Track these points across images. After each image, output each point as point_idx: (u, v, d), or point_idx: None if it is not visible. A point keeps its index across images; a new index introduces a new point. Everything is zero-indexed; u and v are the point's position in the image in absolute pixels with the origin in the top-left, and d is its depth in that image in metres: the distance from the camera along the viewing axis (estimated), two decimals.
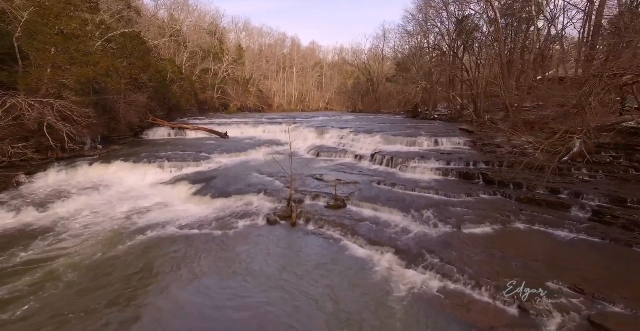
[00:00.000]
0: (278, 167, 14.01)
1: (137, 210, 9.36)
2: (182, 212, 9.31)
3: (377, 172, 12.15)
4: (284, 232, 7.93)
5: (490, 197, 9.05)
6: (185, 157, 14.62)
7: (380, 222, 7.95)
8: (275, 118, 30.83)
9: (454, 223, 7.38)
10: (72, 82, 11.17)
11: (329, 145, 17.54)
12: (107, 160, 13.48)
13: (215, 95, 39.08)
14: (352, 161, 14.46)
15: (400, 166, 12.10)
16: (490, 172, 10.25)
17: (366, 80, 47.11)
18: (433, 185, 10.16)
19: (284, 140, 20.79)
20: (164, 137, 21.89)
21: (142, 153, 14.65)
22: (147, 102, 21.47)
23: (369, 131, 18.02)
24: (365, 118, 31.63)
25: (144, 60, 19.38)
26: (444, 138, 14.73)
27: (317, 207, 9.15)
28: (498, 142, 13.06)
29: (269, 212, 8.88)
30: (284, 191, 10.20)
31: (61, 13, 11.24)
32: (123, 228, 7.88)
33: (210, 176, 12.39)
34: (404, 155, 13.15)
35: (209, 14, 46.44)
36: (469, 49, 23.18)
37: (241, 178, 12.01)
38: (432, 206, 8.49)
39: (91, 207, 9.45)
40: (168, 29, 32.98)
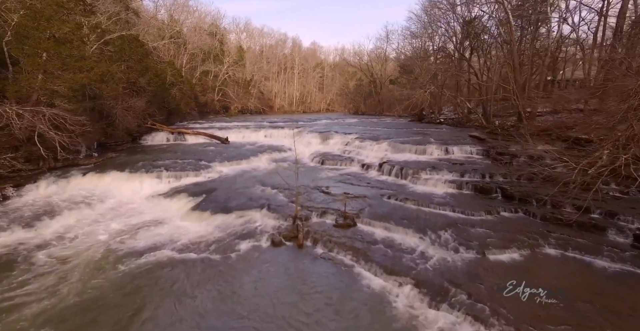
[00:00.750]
0: (281, 176, 13.37)
1: (131, 228, 8.71)
2: (179, 230, 8.66)
3: (386, 184, 11.49)
4: (291, 256, 7.27)
5: (512, 215, 8.37)
6: (184, 166, 13.98)
7: (394, 244, 7.29)
8: (277, 121, 30.20)
9: (477, 247, 6.72)
10: (64, 89, 10.55)
11: (334, 153, 16.89)
12: (102, 170, 12.86)
13: (216, 98, 38.48)
14: (359, 171, 13.80)
15: (411, 178, 11.44)
16: (509, 186, 9.58)
17: (369, 82, 46.45)
18: (448, 200, 9.49)
19: (287, 145, 20.17)
20: (163, 142, 21.28)
21: (139, 162, 14.02)
22: (145, 106, 20.88)
23: (375, 138, 17.36)
24: (368, 121, 30.97)
25: (142, 64, 18.77)
26: (455, 146, 14.06)
27: (325, 225, 8.49)
28: (514, 152, 12.38)
29: (274, 232, 8.23)
30: (289, 207, 9.55)
31: (53, 16, 10.62)
32: (114, 252, 7.22)
33: (210, 188, 11.75)
34: (414, 166, 12.49)
35: (209, 15, 45.89)
36: (476, 51, 22.49)
37: (243, 190, 11.36)
38: (450, 226, 7.83)
39: (82, 224, 8.81)
40: (168, 30, 32.40)
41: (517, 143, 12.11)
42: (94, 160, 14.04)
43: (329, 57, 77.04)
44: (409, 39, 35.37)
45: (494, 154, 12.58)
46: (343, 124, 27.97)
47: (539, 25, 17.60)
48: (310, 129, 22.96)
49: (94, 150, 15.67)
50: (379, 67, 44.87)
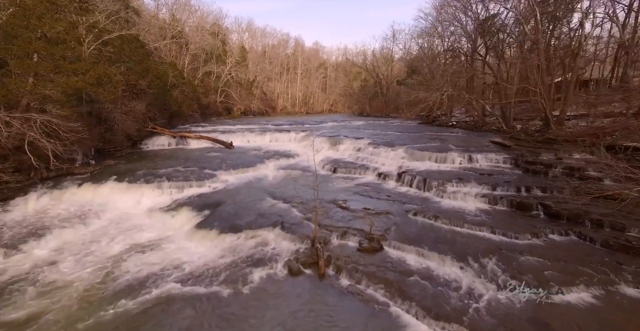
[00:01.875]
0: (292, 187, 12.40)
1: (129, 250, 7.74)
2: (183, 254, 7.69)
3: (409, 198, 10.49)
4: (311, 289, 6.28)
5: (564, 238, 7.36)
6: (187, 174, 13.02)
7: (433, 276, 6.29)
8: (282, 124, 29.26)
9: (534, 283, 5.70)
10: (57, 94, 9.60)
11: (345, 159, 15.89)
12: (99, 180, 11.91)
13: (218, 99, 37.54)
14: (375, 180, 12.80)
15: (436, 190, 10.43)
16: (552, 202, 8.55)
17: (374, 82, 45.42)
18: (483, 218, 8.48)
19: (295, 150, 19.22)
20: (165, 147, 20.34)
21: (139, 171, 13.07)
22: (146, 109, 19.95)
23: (390, 143, 16.36)
24: (376, 124, 29.97)
25: (143, 65, 17.83)
26: (478, 154, 13.03)
27: (348, 249, 7.50)
28: (546, 161, 11.35)
29: (290, 257, 7.24)
30: (305, 225, 8.57)
31: (45, 14, 9.67)
32: (107, 285, 6.25)
33: (215, 200, 10.78)
34: (437, 176, 11.48)
35: (211, 15, 45.00)
36: (492, 51, 21.38)
37: (252, 204, 10.38)
38: (494, 252, 6.82)
39: (73, 247, 7.85)
40: (170, 30, 31.48)
41: (549, 150, 11.05)
42: (91, 168, 13.08)
43: (332, 57, 76.15)
44: (418, 38, 34.31)
45: (524, 163, 11.55)
46: (351, 127, 26.98)
47: (563, 22, 16.52)
48: (318, 133, 22.00)
49: (91, 157, 14.73)
50: (385, 67, 43.82)
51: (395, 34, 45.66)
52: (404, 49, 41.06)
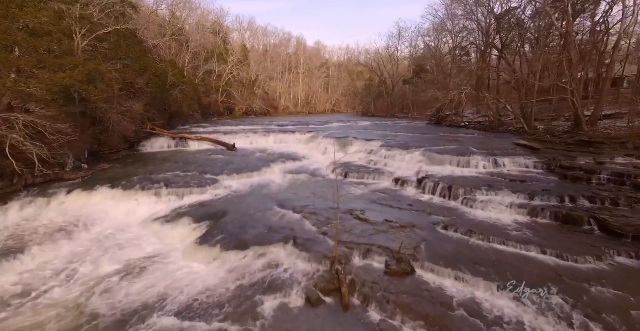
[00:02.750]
0: (302, 194, 11.33)
1: (118, 272, 6.69)
2: (181, 276, 6.64)
3: (433, 207, 9.42)
4: (335, 326, 5.21)
5: (637, 263, 6.21)
6: (187, 180, 11.98)
7: (482, 309, 5.22)
8: (286, 124, 28.23)
9: (620, 326, 4.61)
10: (41, 92, 8.55)
11: (357, 163, 14.83)
12: (91, 186, 10.87)
13: (219, 99, 36.51)
14: (391, 186, 11.73)
15: (464, 199, 9.35)
16: (608, 216, 7.42)
17: (379, 81, 44.31)
18: (526, 234, 7.40)
19: (300, 153, 18.17)
20: (164, 148, 19.31)
21: (135, 176, 12.04)
22: (144, 109, 18.92)
23: (404, 145, 15.28)
24: (383, 124, 28.92)
25: (140, 62, 16.79)
26: (504, 158, 11.94)
27: (373, 271, 6.44)
28: (585, 165, 10.24)
29: (307, 282, 6.17)
30: (321, 241, 7.51)
31: (27, 2, 8.62)
32: (88, 323, 5.18)
33: (218, 210, 9.74)
34: (461, 182, 10.40)
35: (212, 13, 44.02)
36: (508, 47, 20.22)
37: (258, 214, 9.32)
38: (552, 279, 5.73)
39: (54, 267, 6.79)
40: (169, 27, 30.47)
41: (585, 154, 9.96)
42: (82, 173, 12.03)
43: (333, 56, 75.12)
44: (427, 35, 33.20)
45: (558, 168, 10.45)
46: (358, 128, 25.95)
47: (587, 14, 15.39)
48: (324, 134, 20.92)
49: (84, 161, 13.68)
50: (390, 66, 42.72)
51: (400, 32, 44.46)
52: (410, 47, 39.91)
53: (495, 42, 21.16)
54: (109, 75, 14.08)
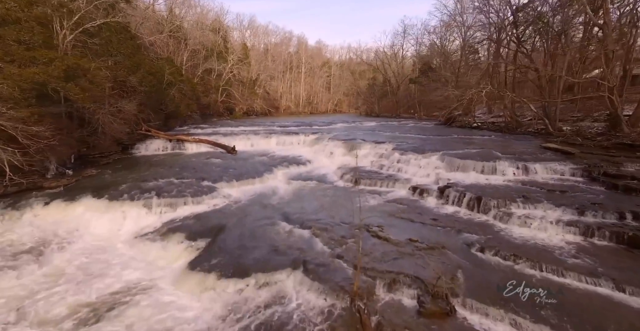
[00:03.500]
0: (308, 204, 10.14)
1: (92, 309, 5.49)
2: (170, 312, 5.45)
3: (462, 223, 8.19)
4: None
5: None
6: (182, 188, 10.79)
7: None
8: (288, 125, 27.04)
9: None
10: (8, 89, 7.37)
11: (368, 168, 13.61)
12: (73, 196, 9.69)
13: (219, 99, 35.33)
14: (409, 196, 10.51)
15: (498, 213, 8.11)
16: None
17: (384, 81, 43.04)
18: (588, 262, 6.12)
19: (305, 156, 16.97)
20: (159, 151, 18.14)
21: (125, 183, 10.86)
22: (138, 110, 17.76)
23: (418, 149, 14.04)
24: (390, 125, 27.72)
25: (133, 59, 15.60)
26: (535, 163, 10.67)
27: (404, 309, 5.23)
28: (637, 173, 8.98)
29: (323, 326, 4.96)
30: (336, 267, 6.31)
31: None
32: None
33: (215, 224, 8.56)
34: (490, 192, 9.17)
35: (212, 11, 42.88)
36: (525, 43, 18.92)
37: (261, 230, 8.13)
38: None
39: (11, 303, 5.59)
40: (167, 24, 29.30)
41: (631, 159, 8.74)
42: (65, 181, 10.83)
43: (335, 56, 73.96)
44: (434, 32, 31.89)
45: (603, 176, 9.19)
46: (364, 129, 24.74)
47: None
48: (330, 136, 19.72)
49: (70, 166, 12.50)
50: (395, 64, 41.46)
51: (406, 29, 43.15)
52: (416, 44, 38.62)
53: (511, 37, 19.81)
54: (98, 72, 12.91)
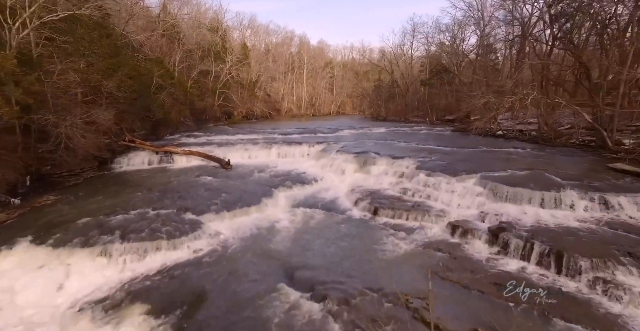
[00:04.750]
0: (318, 250, 7.69)
1: None
2: None
3: (536, 288, 5.75)
4: None
5: None
6: (158, 224, 8.45)
7: None
8: (290, 132, 24.61)
9: None
10: None
11: (387, 192, 11.17)
12: (7, 240, 7.39)
13: (216, 103, 32.96)
14: (447, 237, 8.11)
15: (596, 281, 5.67)
16: None
17: (391, 82, 40.57)
18: None
19: (311, 173, 14.57)
20: (144, 166, 15.83)
21: (83, 218, 8.53)
22: (120, 118, 15.46)
23: (448, 168, 11.58)
24: (402, 132, 25.30)
25: (110, 61, 13.27)
26: (619, 196, 8.14)
27: None
28: None
29: None
30: None
31: None
32: None
33: (193, 287, 6.24)
34: (568, 239, 6.74)
35: (211, 10, 40.62)
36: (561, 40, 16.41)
37: (256, 301, 5.77)
38: None
39: None
40: (160, 23, 27.01)
41: None
42: (4, 215, 8.46)
43: (338, 56, 71.50)
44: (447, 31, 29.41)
45: None
46: (374, 137, 22.30)
47: None
48: (338, 147, 17.29)
49: (21, 192, 10.20)
50: (404, 65, 39.01)
51: (415, 27, 40.60)
52: (426, 43, 36.15)
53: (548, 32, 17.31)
54: (65, 76, 10.63)
